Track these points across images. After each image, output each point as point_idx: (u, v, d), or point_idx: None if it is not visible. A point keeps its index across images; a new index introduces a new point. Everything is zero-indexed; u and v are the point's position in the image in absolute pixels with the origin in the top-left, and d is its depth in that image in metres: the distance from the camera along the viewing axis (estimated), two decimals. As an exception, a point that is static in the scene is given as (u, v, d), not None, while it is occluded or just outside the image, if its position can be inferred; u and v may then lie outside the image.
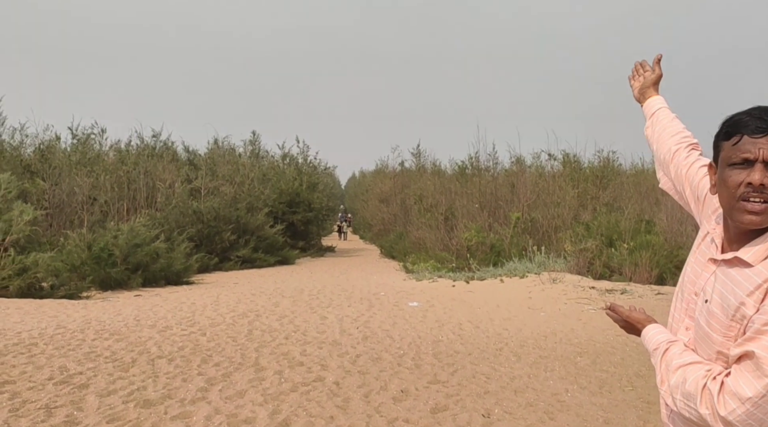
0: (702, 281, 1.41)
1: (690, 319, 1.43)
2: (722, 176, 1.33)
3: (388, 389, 5.14)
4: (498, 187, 18.06)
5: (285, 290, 11.40)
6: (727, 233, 1.39)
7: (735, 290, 1.29)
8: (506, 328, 7.77)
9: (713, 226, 1.46)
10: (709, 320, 1.34)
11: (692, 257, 1.51)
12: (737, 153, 1.29)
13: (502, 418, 4.46)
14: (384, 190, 28.11)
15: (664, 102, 1.95)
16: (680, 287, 1.53)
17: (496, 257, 14.66)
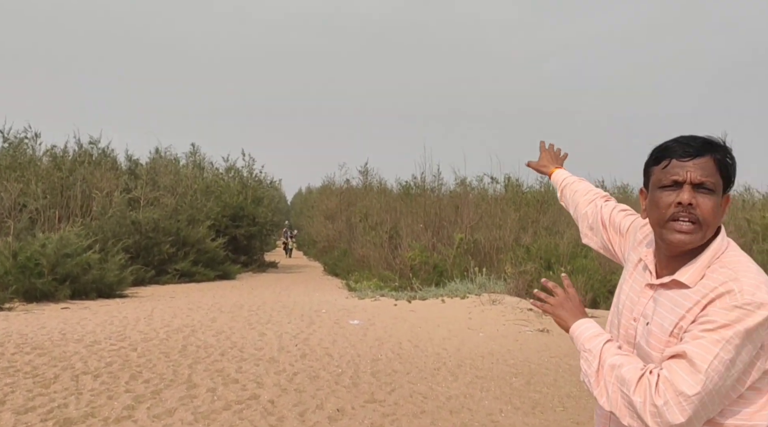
0: (640, 306, 1.46)
1: (629, 345, 1.46)
2: (653, 198, 1.40)
3: (324, 408, 5.07)
4: (442, 208, 18.29)
5: (224, 305, 11.13)
6: (660, 257, 1.45)
7: (674, 309, 1.36)
8: (445, 347, 7.82)
9: (645, 252, 1.51)
10: (648, 339, 1.39)
11: (625, 284, 1.55)
12: (667, 176, 1.36)
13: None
14: (330, 207, 28.01)
15: (568, 172, 2.21)
16: (615, 315, 1.55)
17: (438, 277, 14.79)
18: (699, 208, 1.33)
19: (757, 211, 13.14)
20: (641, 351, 1.42)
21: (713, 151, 1.35)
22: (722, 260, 1.35)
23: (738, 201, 15.75)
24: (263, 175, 26.54)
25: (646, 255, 1.49)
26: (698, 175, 1.33)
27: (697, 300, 1.31)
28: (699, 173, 1.33)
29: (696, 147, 1.35)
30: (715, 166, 1.34)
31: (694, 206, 1.32)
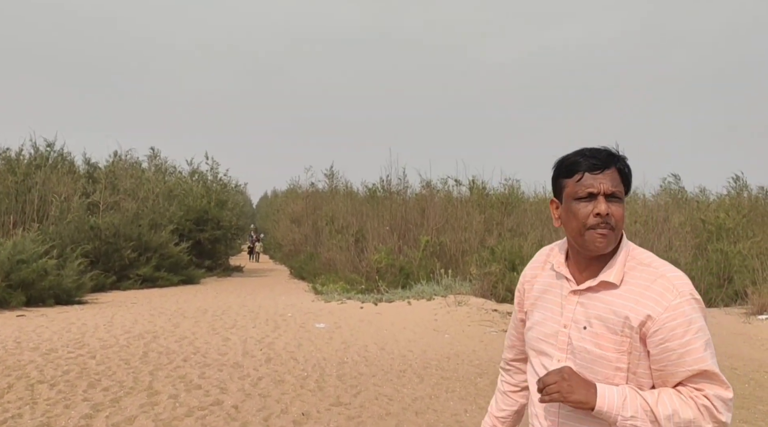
0: (568, 313, 1.52)
1: (561, 351, 1.52)
2: (571, 209, 1.49)
3: (289, 412, 5.02)
4: (408, 211, 18.34)
5: (187, 311, 10.93)
6: (575, 264, 1.55)
7: (614, 310, 1.45)
8: (411, 349, 7.84)
9: (557, 263, 1.58)
10: (598, 341, 1.46)
11: (540, 302, 1.61)
12: (582, 188, 1.47)
13: (402, 439, 4.47)
14: (296, 210, 27.80)
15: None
16: (537, 331, 1.59)
17: (404, 280, 14.81)
18: (613, 216, 1.45)
19: (712, 212, 13.56)
20: (588, 355, 1.47)
21: (616, 162, 1.49)
22: (636, 258, 1.50)
23: (693, 202, 16.25)
24: (228, 178, 26.21)
25: (559, 267, 1.57)
26: (609, 187, 1.46)
27: (636, 300, 1.43)
28: (610, 184, 1.46)
29: (603, 160, 1.47)
30: (619, 176, 1.49)
31: (610, 215, 1.45)
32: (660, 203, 16.33)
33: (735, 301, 11.31)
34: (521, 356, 1.78)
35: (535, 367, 1.59)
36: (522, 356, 1.78)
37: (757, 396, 5.78)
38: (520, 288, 1.72)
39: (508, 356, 1.83)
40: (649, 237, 12.64)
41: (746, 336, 8.58)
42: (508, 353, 1.83)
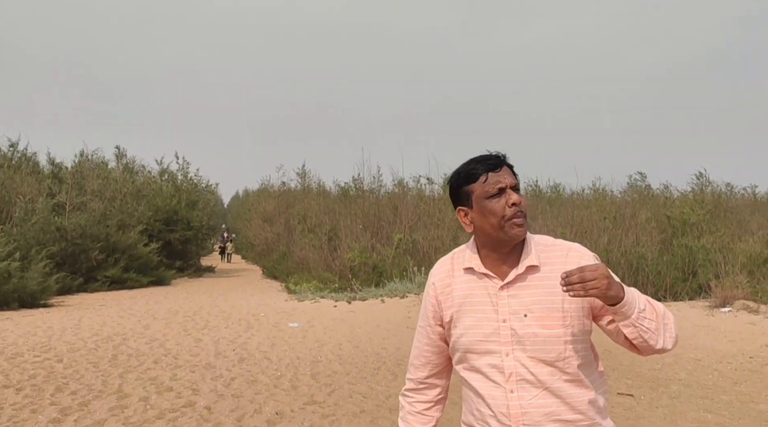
0: (504, 307, 1.58)
1: (506, 345, 1.57)
2: (486, 209, 1.58)
3: (263, 412, 5.00)
4: (381, 209, 18.36)
5: (157, 312, 10.77)
6: (492, 262, 1.62)
7: (548, 291, 1.56)
8: (385, 347, 7.86)
9: (477, 263, 1.63)
10: (543, 323, 1.55)
11: (466, 307, 1.62)
12: (491, 186, 1.57)
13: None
14: (268, 209, 27.57)
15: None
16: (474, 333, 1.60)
17: (378, 278, 14.83)
18: (523, 204, 1.59)
19: (677, 208, 13.89)
20: (537, 338, 1.54)
21: (505, 162, 1.64)
22: (540, 243, 1.64)
23: (660, 198, 16.63)
24: (198, 178, 25.90)
25: (479, 267, 1.62)
26: (512, 180, 1.60)
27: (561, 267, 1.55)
28: (511, 178, 1.60)
29: (497, 160, 1.62)
30: (511, 171, 1.63)
31: (522, 203, 1.58)
32: (627, 200, 16.67)
33: (699, 294, 11.61)
34: (437, 369, 1.76)
35: (481, 368, 1.59)
36: (438, 369, 1.75)
37: (720, 386, 5.96)
38: (432, 302, 1.70)
39: (421, 374, 1.77)
40: (617, 233, 12.89)
41: (709, 328, 8.82)
42: (420, 372, 1.77)
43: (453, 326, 1.65)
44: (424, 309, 1.74)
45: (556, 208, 15.95)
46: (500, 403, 1.57)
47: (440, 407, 1.79)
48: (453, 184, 1.66)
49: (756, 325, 9.02)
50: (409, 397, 1.79)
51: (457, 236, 16.06)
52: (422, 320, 1.75)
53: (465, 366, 1.64)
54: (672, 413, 5.07)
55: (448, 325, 1.67)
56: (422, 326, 1.75)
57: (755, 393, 5.69)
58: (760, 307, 9.99)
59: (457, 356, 1.66)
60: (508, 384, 1.55)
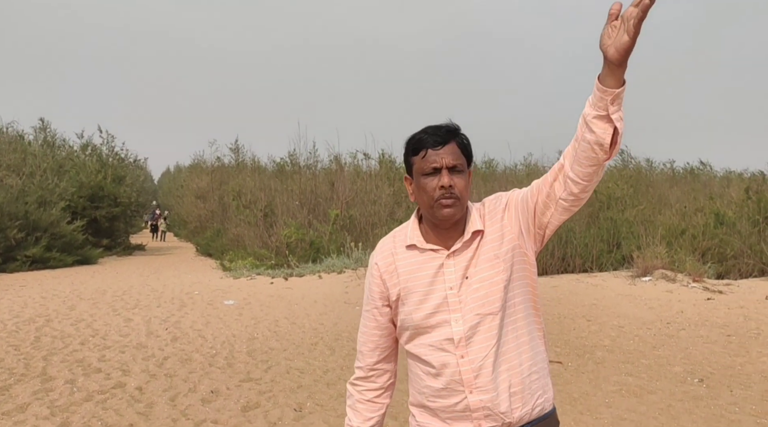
0: (449, 275, 1.58)
1: (455, 311, 1.57)
2: (420, 185, 1.58)
3: (197, 391, 4.91)
4: (318, 185, 18.20)
5: (83, 292, 10.33)
6: (436, 236, 1.62)
7: (488, 245, 1.58)
8: (322, 323, 7.86)
9: (420, 240, 1.63)
10: (482, 276, 1.56)
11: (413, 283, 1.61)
12: (427, 164, 1.56)
13: (313, 411, 4.50)
14: (201, 185, 26.77)
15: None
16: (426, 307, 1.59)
17: (315, 254, 14.76)
18: (456, 187, 1.56)
19: (603, 183, 14.47)
20: (477, 293, 1.56)
21: (455, 137, 1.60)
22: (485, 204, 1.67)
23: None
24: (125, 152, 24.79)
25: (423, 244, 1.62)
26: (450, 160, 1.56)
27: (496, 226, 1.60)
28: (450, 158, 1.56)
29: (443, 136, 1.57)
30: (459, 149, 1.59)
31: (453, 186, 1.55)
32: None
33: (623, 265, 12.22)
34: (386, 353, 1.71)
35: (432, 341, 1.58)
36: (387, 352, 1.72)
37: (640, 351, 6.31)
38: (377, 282, 1.67)
39: (370, 361, 1.71)
40: (547, 207, 13.30)
41: (632, 297, 9.31)
42: (369, 359, 1.71)
43: (401, 304, 1.63)
44: (369, 292, 1.70)
45: (490, 183, 16.30)
46: (452, 370, 1.55)
47: (390, 393, 1.76)
48: (405, 153, 1.64)
49: (673, 293, 9.59)
50: (358, 385, 1.73)
51: (394, 212, 16.18)
52: (368, 304, 1.71)
53: (415, 343, 1.61)
54: (596, 377, 5.34)
55: (395, 304, 1.65)
56: (368, 309, 1.71)
57: (671, 356, 6.07)
58: (677, 275, 10.62)
59: (407, 335, 1.63)
60: (458, 349, 1.55)
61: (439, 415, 1.60)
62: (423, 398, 1.62)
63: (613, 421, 4.26)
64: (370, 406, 1.72)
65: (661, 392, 4.93)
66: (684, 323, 7.65)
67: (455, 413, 1.57)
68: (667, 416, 4.37)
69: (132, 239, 25.64)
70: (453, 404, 1.57)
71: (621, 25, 1.33)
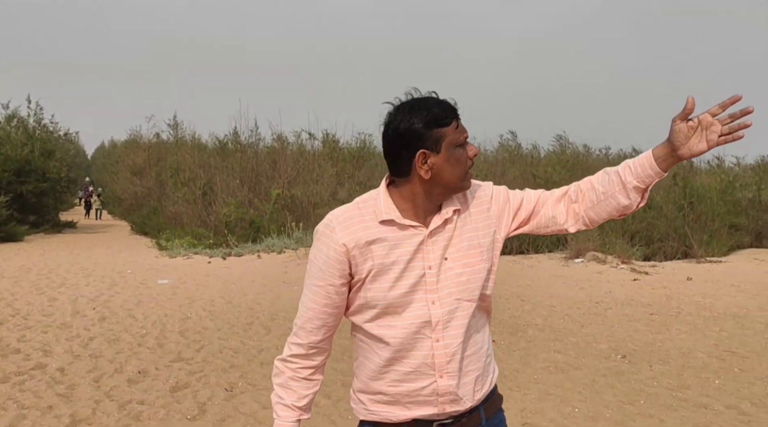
0: (428, 254, 1.51)
1: (431, 292, 1.51)
2: (455, 157, 1.50)
3: (124, 372, 4.75)
4: (259, 163, 17.87)
5: (6, 270, 9.81)
6: (416, 214, 1.53)
7: (467, 229, 1.55)
8: (259, 302, 7.75)
9: (396, 216, 1.52)
10: (465, 261, 1.53)
11: (389, 260, 1.51)
12: (461, 135, 1.51)
13: (245, 390, 4.43)
14: (137, 162, 25.80)
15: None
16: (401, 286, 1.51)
17: (255, 233, 14.54)
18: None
19: (542, 167, 14.83)
20: (460, 278, 1.52)
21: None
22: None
23: (528, 157, 17.67)
24: (55, 125, 23.56)
25: (402, 220, 1.52)
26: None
27: (479, 209, 1.60)
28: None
29: (455, 108, 1.54)
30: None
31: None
32: (498, 159, 17.53)
33: (557, 247, 12.61)
34: (330, 332, 1.62)
35: (404, 323, 1.51)
36: (331, 331, 1.62)
37: (569, 329, 6.54)
38: (340, 259, 1.52)
39: (314, 339, 1.60)
40: (487, 190, 13.55)
41: (564, 278, 9.62)
42: (314, 336, 1.60)
43: (371, 281, 1.52)
44: (323, 267, 1.55)
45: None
46: (425, 354, 1.51)
47: (323, 369, 1.68)
48: (421, 124, 1.48)
49: (602, 274, 9.97)
50: (294, 362, 1.62)
51: (337, 192, 16.09)
52: (320, 280, 1.56)
53: (378, 323, 1.53)
54: (527, 355, 5.49)
55: (361, 281, 1.53)
56: (320, 285, 1.56)
57: (598, 334, 6.32)
58: (607, 257, 11.05)
59: (370, 314, 1.54)
60: (435, 333, 1.50)
61: (399, 401, 1.55)
62: (381, 383, 1.55)
63: (540, 396, 4.39)
64: (305, 383, 1.63)
65: (587, 368, 5.12)
66: (611, 302, 7.97)
67: (420, 397, 1.53)
68: (591, 391, 4.54)
69: (63, 217, 24.52)
70: (420, 388, 1.52)
71: (701, 132, 1.46)
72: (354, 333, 1.62)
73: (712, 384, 4.73)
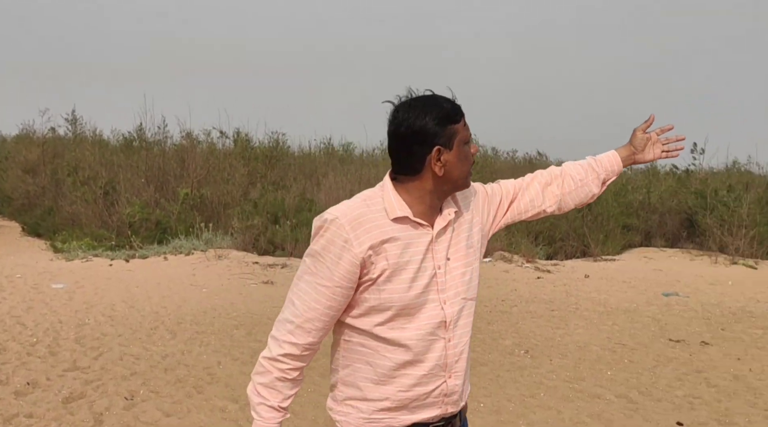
0: (437, 254, 1.54)
1: (441, 292, 1.53)
2: (465, 153, 1.53)
3: (10, 383, 4.41)
4: (167, 162, 17.17)
5: None
6: (423, 212, 1.53)
7: (463, 229, 1.60)
8: (164, 306, 7.44)
9: (408, 213, 1.50)
10: (466, 261, 1.58)
11: (404, 260, 1.49)
12: (468, 132, 1.55)
13: (147, 398, 4.24)
14: (30, 158, 24.00)
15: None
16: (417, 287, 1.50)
17: (161, 234, 13.95)
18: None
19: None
20: (464, 278, 1.57)
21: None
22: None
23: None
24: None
25: (416, 217, 1.52)
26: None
27: (472, 207, 1.66)
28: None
29: (460, 105, 1.57)
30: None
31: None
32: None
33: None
34: (326, 333, 1.58)
35: (419, 324, 1.49)
36: (327, 333, 1.58)
37: (476, 326, 6.74)
38: (353, 261, 1.46)
39: (311, 340, 1.54)
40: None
41: (473, 277, 9.94)
42: (311, 338, 1.53)
43: (384, 282, 1.47)
44: (334, 267, 1.47)
45: (347, 165, 16.45)
46: (439, 355, 1.51)
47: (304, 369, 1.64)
48: (436, 120, 1.48)
49: (509, 272, 10.39)
50: (284, 362, 1.53)
51: (248, 192, 15.75)
52: (328, 280, 1.48)
53: (391, 326, 1.49)
54: (436, 352, 5.62)
55: (372, 282, 1.48)
56: (327, 286, 1.48)
57: (503, 330, 6.57)
58: (513, 256, 11.51)
59: (383, 317, 1.49)
60: (447, 333, 1.51)
61: (407, 405, 1.52)
62: (389, 388, 1.50)
63: (447, 392, 4.50)
64: (291, 384, 1.57)
65: (492, 363, 5.31)
66: (516, 299, 8.31)
67: (430, 399, 1.53)
68: (495, 385, 4.71)
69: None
70: (431, 390, 1.52)
71: (652, 145, 1.85)
72: (347, 337, 1.55)
73: (604, 375, 5.05)
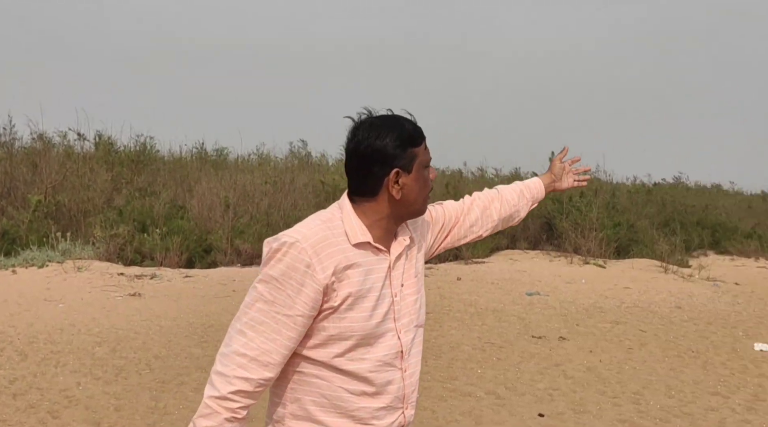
0: (395, 281, 1.49)
1: (399, 320, 1.49)
2: (424, 177, 1.50)
3: None
4: (15, 166, 15.59)
5: None
6: (381, 237, 1.48)
7: (413, 257, 1.57)
8: (13, 325, 6.73)
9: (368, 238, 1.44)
10: (416, 288, 1.55)
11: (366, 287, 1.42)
12: (428, 156, 1.52)
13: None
14: None
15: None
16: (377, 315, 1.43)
17: (9, 245, 12.63)
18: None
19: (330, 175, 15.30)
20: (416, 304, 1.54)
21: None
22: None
23: (316, 165, 18.12)
24: None
25: (377, 243, 1.47)
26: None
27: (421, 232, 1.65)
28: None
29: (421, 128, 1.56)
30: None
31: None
32: (288, 166, 17.67)
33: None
34: (280, 368, 1.43)
35: (377, 354, 1.42)
36: (282, 367, 1.44)
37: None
38: (316, 288, 1.36)
39: (268, 375, 1.39)
40: (277, 197, 13.56)
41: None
42: (268, 373, 1.39)
43: (346, 311, 1.38)
44: (296, 295, 1.35)
45: (221, 171, 15.93)
46: (397, 387, 1.46)
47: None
48: (398, 142, 1.43)
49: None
50: (235, 401, 1.36)
51: (112, 198, 14.73)
52: (287, 309, 1.35)
53: (350, 357, 1.40)
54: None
55: (333, 310, 1.38)
56: (288, 314, 1.36)
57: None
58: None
59: (343, 347, 1.39)
60: (404, 363, 1.46)
61: None
62: (349, 423, 1.42)
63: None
64: (240, 424, 1.40)
65: (370, 368, 5.39)
66: (393, 304, 8.51)
67: None
68: (373, 389, 4.78)
69: None
70: (389, 423, 1.46)
71: (566, 174, 2.02)
72: (300, 369, 1.43)
73: (475, 373, 5.31)
